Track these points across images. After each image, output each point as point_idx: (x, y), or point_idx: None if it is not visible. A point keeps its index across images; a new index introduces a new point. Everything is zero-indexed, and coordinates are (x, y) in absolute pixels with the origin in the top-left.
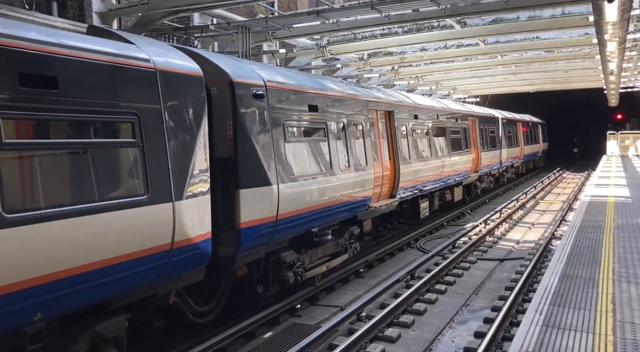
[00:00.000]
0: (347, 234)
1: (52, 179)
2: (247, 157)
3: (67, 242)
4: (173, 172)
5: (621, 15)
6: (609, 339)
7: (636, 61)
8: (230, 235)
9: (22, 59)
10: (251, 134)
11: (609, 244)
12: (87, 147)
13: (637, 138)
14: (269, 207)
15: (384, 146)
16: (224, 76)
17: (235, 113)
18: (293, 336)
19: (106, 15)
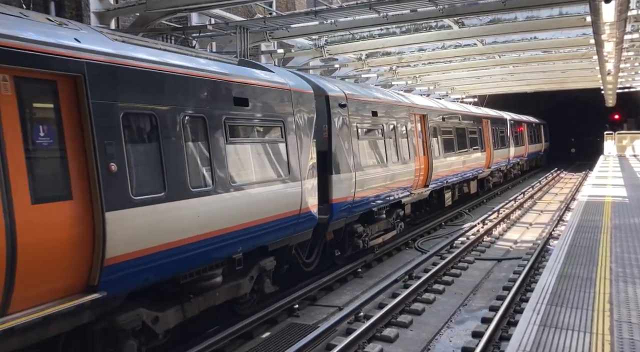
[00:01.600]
0: (394, 215)
1: (248, 163)
2: (336, 151)
3: (253, 203)
4: (301, 160)
5: (618, 16)
6: (606, 338)
7: (633, 61)
8: (325, 207)
9: (234, 89)
10: (338, 133)
11: (606, 244)
12: (263, 142)
13: (634, 138)
14: (349, 189)
15: (420, 144)
16: (323, 92)
17: (329, 118)
18: (291, 336)
19: (104, 15)
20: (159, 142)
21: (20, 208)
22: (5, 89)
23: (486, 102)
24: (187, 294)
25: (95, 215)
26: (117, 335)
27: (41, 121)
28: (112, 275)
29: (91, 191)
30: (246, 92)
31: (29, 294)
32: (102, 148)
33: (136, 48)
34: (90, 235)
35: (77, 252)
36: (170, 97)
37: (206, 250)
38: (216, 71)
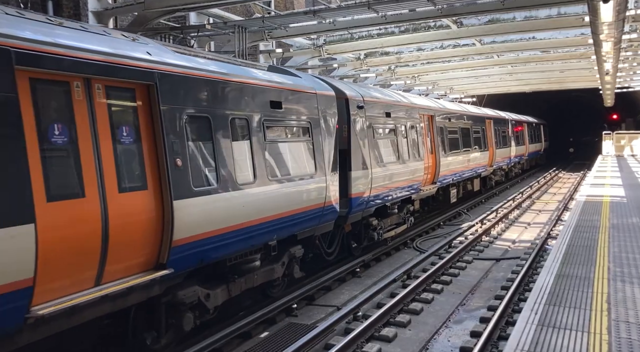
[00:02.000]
0: (405, 210)
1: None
2: (354, 149)
3: (286, 196)
4: (325, 157)
5: (616, 16)
6: (604, 338)
7: (632, 61)
8: (345, 202)
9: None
10: (357, 133)
11: (604, 244)
12: (294, 141)
13: (632, 138)
14: (366, 185)
15: (428, 143)
16: (343, 95)
17: (348, 118)
18: (289, 336)
19: (102, 14)
20: (212, 141)
21: (110, 196)
22: (99, 96)
23: (485, 102)
24: (233, 275)
25: (165, 203)
26: (178, 308)
27: (124, 123)
28: (177, 255)
29: (161, 183)
30: (280, 96)
31: (116, 268)
32: (170, 146)
33: (192, 58)
34: (161, 220)
35: (151, 234)
36: (221, 102)
37: (249, 236)
38: (258, 78)
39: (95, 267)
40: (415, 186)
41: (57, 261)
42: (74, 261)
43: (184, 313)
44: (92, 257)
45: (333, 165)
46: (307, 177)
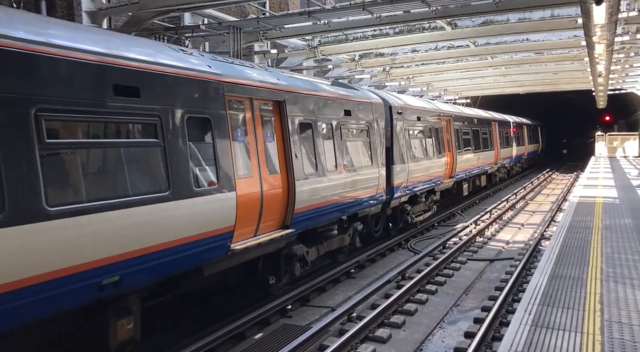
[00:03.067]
0: (429, 199)
1: (351, 155)
2: (396, 146)
3: (355, 182)
4: (377, 153)
5: (609, 18)
6: (597, 338)
7: (624, 63)
8: (388, 190)
9: (345, 104)
10: (397, 133)
11: (597, 244)
12: (359, 140)
13: (624, 139)
14: (404, 176)
15: (447, 143)
16: (388, 103)
17: (391, 122)
18: (284, 337)
19: (96, 14)
20: (313, 140)
21: (264, 177)
22: (256, 109)
23: (479, 103)
24: (321, 240)
25: (290, 182)
26: (292, 259)
27: (268, 128)
28: (296, 219)
29: (287, 168)
30: (350, 106)
31: (265, 225)
32: (291, 143)
33: (305, 81)
34: (286, 194)
35: (283, 203)
36: (317, 112)
37: (331, 211)
38: (338, 93)
39: (255, 223)
40: (438, 179)
41: (244, 216)
42: (249, 217)
43: (295, 263)
44: (255, 216)
45: (382, 160)
46: (367, 169)
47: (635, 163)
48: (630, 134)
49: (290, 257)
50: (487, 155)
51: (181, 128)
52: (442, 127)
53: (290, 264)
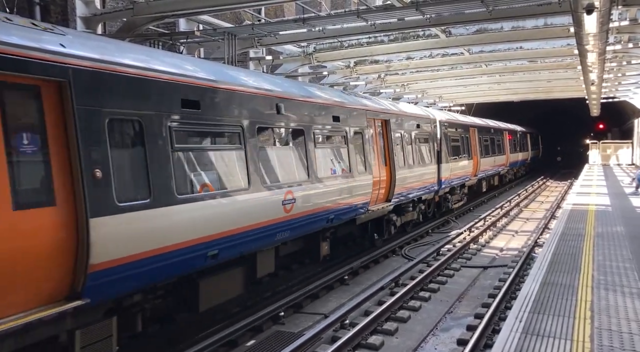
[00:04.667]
0: (461, 191)
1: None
2: (442, 149)
3: (422, 174)
4: (433, 154)
5: (600, 27)
6: (586, 346)
7: (617, 72)
8: (438, 182)
9: (418, 120)
10: (442, 140)
11: (589, 252)
12: (424, 145)
13: (618, 147)
14: (447, 173)
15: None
16: (437, 118)
17: (440, 133)
18: (276, 344)
19: (90, 19)
20: (401, 145)
21: (380, 167)
22: (375, 125)
23: (473, 111)
24: (402, 213)
25: (392, 172)
26: (389, 222)
27: (380, 136)
28: (395, 197)
29: (390, 163)
30: (421, 121)
31: (380, 199)
32: (392, 147)
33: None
34: (389, 179)
35: (387, 186)
36: (405, 126)
37: (409, 194)
38: (415, 113)
39: (376, 196)
40: (467, 177)
41: (374, 191)
42: (375, 192)
43: (391, 225)
44: (377, 192)
45: (435, 159)
46: (429, 166)
47: (628, 171)
48: (624, 142)
49: (388, 222)
50: (500, 159)
51: (350, 137)
52: (470, 135)
53: (387, 226)
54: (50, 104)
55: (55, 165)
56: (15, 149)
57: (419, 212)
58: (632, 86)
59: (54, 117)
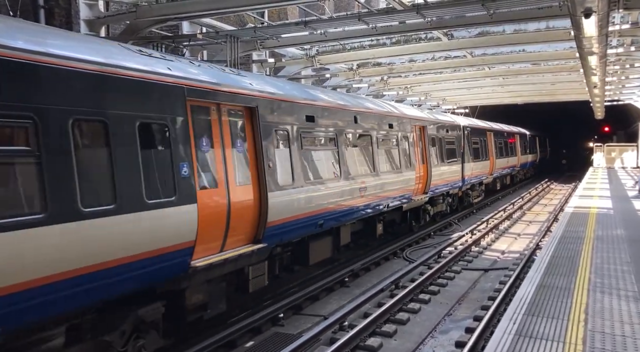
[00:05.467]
0: (479, 188)
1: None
2: (465, 151)
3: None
4: (458, 155)
5: (599, 31)
6: (579, 348)
7: (620, 75)
8: (462, 179)
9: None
10: (465, 143)
11: (587, 255)
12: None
13: (623, 150)
14: (469, 171)
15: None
16: (460, 123)
17: (463, 136)
18: (275, 345)
19: (94, 22)
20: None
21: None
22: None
23: (477, 114)
24: (434, 204)
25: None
26: (424, 210)
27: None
28: (430, 190)
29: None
30: (454, 128)
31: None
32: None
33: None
34: (426, 175)
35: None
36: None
37: (442, 189)
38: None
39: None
40: (485, 175)
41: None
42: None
43: (426, 214)
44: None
45: (460, 159)
46: (456, 164)
47: (632, 174)
48: (628, 144)
49: (424, 211)
50: (513, 160)
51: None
52: (487, 139)
53: (423, 214)
54: (247, 120)
55: (250, 159)
56: (235, 149)
57: (447, 204)
58: (637, 89)
59: (249, 128)
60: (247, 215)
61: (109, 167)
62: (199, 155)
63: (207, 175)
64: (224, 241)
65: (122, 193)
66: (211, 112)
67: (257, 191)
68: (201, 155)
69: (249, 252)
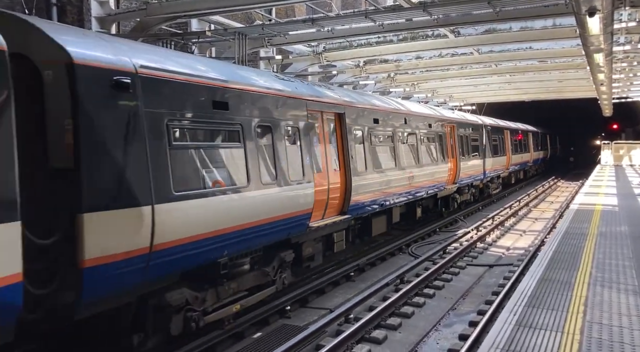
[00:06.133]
0: (498, 181)
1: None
2: (485, 148)
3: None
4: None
5: (604, 29)
6: (576, 337)
7: (628, 72)
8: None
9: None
10: (486, 140)
11: (590, 250)
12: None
13: (631, 148)
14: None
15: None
16: (482, 122)
17: (483, 134)
18: (281, 337)
19: (105, 20)
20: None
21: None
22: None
23: (484, 111)
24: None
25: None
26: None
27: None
28: (459, 181)
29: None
30: (477, 129)
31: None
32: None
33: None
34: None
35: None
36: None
37: (467, 180)
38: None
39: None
40: (502, 170)
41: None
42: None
43: (454, 202)
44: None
45: (482, 154)
46: (478, 158)
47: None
48: (637, 142)
49: (452, 199)
50: (526, 156)
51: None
52: (504, 136)
53: (452, 202)
54: (337, 123)
55: (339, 151)
56: (330, 144)
57: (471, 194)
58: None
59: (338, 128)
60: (339, 192)
61: (273, 157)
62: (313, 148)
63: (317, 163)
64: (325, 211)
65: (279, 174)
66: (317, 117)
67: (344, 176)
68: (314, 149)
69: (338, 221)
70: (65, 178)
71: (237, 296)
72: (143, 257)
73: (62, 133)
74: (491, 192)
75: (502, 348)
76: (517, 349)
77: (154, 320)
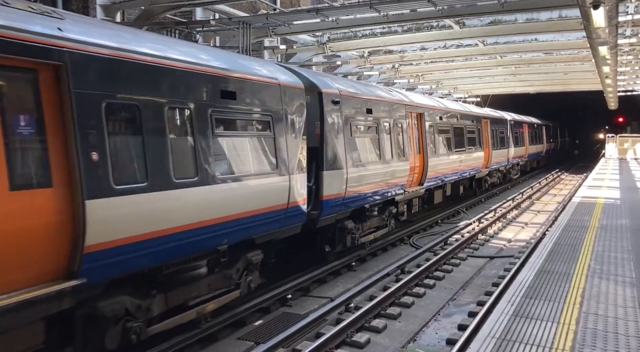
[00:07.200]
0: (517, 168)
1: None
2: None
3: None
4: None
5: (609, 21)
6: (572, 328)
7: (634, 65)
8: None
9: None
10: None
11: (590, 243)
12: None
13: (635, 141)
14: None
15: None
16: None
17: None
18: (282, 324)
19: (109, 8)
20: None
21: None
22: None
23: (489, 103)
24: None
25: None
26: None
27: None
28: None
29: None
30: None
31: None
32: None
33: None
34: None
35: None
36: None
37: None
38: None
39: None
40: (506, 161)
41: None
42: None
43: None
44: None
45: (507, 145)
46: (504, 149)
47: None
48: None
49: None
50: (540, 146)
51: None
52: (523, 129)
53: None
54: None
55: (420, 140)
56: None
57: (498, 178)
58: None
59: (420, 124)
60: (419, 169)
61: (390, 142)
62: (408, 137)
63: (411, 147)
64: (412, 181)
65: (394, 153)
66: (409, 116)
67: (422, 158)
68: (408, 137)
69: (418, 189)
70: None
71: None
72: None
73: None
74: (512, 177)
75: (499, 337)
76: (512, 338)
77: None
